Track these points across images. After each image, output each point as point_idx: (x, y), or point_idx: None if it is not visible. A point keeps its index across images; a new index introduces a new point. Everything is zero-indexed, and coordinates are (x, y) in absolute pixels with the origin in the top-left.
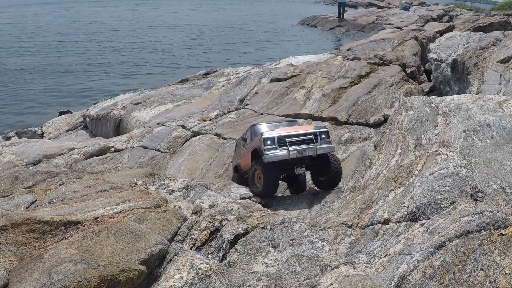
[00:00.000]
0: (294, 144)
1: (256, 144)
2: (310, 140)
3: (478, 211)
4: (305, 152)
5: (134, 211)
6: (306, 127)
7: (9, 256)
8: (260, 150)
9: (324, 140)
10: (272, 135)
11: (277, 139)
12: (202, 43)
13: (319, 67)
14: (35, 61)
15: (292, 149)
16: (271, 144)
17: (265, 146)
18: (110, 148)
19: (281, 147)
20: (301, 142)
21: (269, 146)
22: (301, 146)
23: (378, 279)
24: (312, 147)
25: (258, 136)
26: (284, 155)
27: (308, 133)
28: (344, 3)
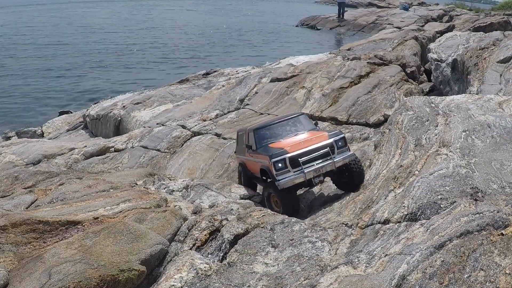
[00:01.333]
0: (309, 162)
1: (265, 164)
2: (327, 154)
3: (478, 211)
4: (322, 169)
5: (134, 211)
6: (320, 137)
7: (9, 256)
8: (271, 173)
9: (342, 149)
10: (283, 157)
11: (289, 160)
12: (202, 43)
13: (319, 67)
14: (35, 61)
15: (308, 170)
16: (283, 167)
17: (277, 171)
18: (110, 148)
19: (294, 168)
20: (316, 157)
21: (281, 169)
22: (317, 163)
23: (378, 279)
24: (330, 162)
25: (266, 156)
26: (299, 179)
27: (323, 146)
28: (344, 3)
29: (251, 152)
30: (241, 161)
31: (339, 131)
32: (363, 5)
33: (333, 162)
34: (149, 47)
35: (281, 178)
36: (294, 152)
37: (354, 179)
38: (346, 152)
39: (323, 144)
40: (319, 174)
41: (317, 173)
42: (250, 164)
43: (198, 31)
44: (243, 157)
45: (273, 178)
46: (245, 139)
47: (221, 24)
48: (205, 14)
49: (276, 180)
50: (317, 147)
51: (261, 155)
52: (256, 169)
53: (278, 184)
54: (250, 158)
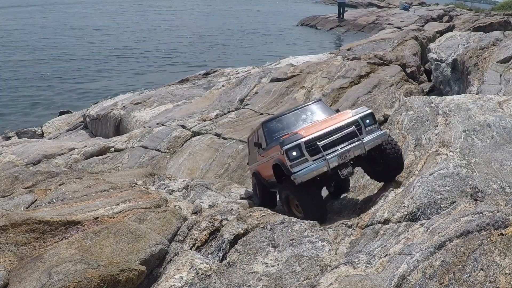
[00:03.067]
0: (331, 146)
1: (276, 156)
2: (353, 134)
3: (478, 211)
4: (349, 154)
5: (134, 211)
6: (341, 115)
7: (9, 256)
8: (285, 167)
9: (371, 127)
10: (296, 142)
11: (305, 146)
12: (202, 43)
13: (319, 67)
14: (34, 61)
15: (331, 156)
16: (298, 155)
17: (291, 161)
18: (110, 148)
19: (313, 155)
20: (340, 140)
21: (296, 159)
22: (342, 146)
23: (378, 279)
24: (358, 144)
25: (277, 146)
26: (321, 168)
27: (347, 125)
28: (344, 3)
29: (261, 152)
30: (254, 170)
31: (366, 108)
32: (363, 5)
33: (362, 143)
34: (149, 47)
35: (298, 170)
36: (310, 135)
37: (391, 166)
38: (376, 131)
39: (347, 123)
40: (345, 160)
41: (343, 159)
42: (263, 168)
43: (198, 31)
44: (256, 164)
45: (287, 172)
46: (254, 138)
47: (221, 24)
48: (205, 14)
49: (292, 173)
50: (340, 126)
51: (272, 148)
52: (269, 170)
53: (294, 178)
54: (262, 160)
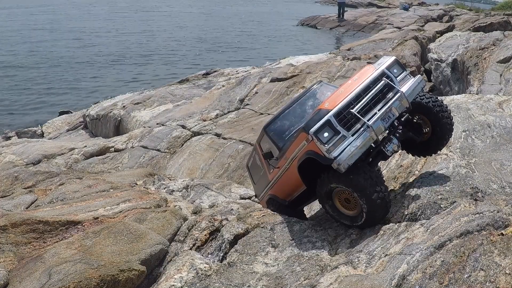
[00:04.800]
0: (366, 112)
1: (302, 151)
2: (388, 88)
3: (478, 211)
4: (392, 113)
5: (134, 211)
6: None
7: (9, 256)
8: (319, 154)
9: (402, 76)
10: (325, 118)
11: (336, 120)
12: (202, 43)
13: (319, 67)
14: (34, 61)
15: (374, 121)
16: (332, 134)
17: (326, 144)
18: (110, 148)
19: (350, 129)
20: (375, 100)
21: (332, 139)
22: (381, 106)
23: (378, 279)
24: (398, 96)
25: (300, 136)
26: (367, 140)
27: (376, 79)
28: (344, 3)
29: (274, 163)
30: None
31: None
32: (363, 5)
33: (402, 93)
34: (149, 47)
35: (340, 153)
36: (338, 104)
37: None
38: (410, 79)
39: (375, 77)
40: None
41: (388, 121)
42: (282, 185)
43: (197, 31)
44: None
45: (324, 161)
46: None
47: (221, 25)
48: (205, 14)
49: (331, 159)
50: (368, 83)
51: (291, 145)
52: (293, 179)
53: (337, 164)
54: (278, 173)
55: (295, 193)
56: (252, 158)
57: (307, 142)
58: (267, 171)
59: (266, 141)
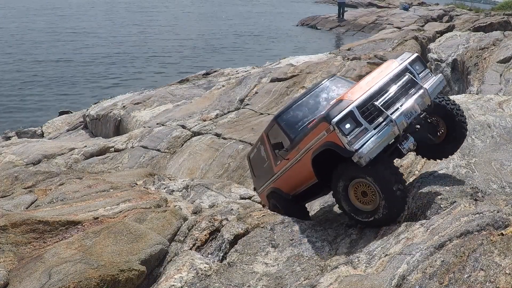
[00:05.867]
0: (389, 106)
1: (320, 141)
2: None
3: (478, 211)
4: (414, 110)
5: (134, 211)
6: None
7: (9, 256)
8: (341, 147)
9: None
10: (347, 109)
11: (359, 112)
12: (202, 43)
13: (319, 67)
14: (34, 61)
15: (397, 116)
16: (353, 126)
17: (348, 136)
18: (110, 148)
19: (372, 121)
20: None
21: (353, 131)
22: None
23: (378, 279)
24: (422, 93)
25: (319, 125)
26: (389, 135)
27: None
28: (344, 3)
29: (284, 154)
30: (271, 189)
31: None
32: (363, 5)
33: (426, 90)
34: (148, 47)
35: (361, 146)
36: (362, 95)
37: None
38: (431, 77)
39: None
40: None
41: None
42: (288, 178)
43: (197, 31)
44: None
45: (344, 153)
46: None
47: (221, 25)
48: (204, 15)
49: (352, 151)
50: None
51: (306, 137)
52: (304, 172)
53: (359, 157)
54: (287, 166)
55: (302, 187)
56: (255, 149)
57: (327, 132)
58: (273, 163)
59: (277, 131)
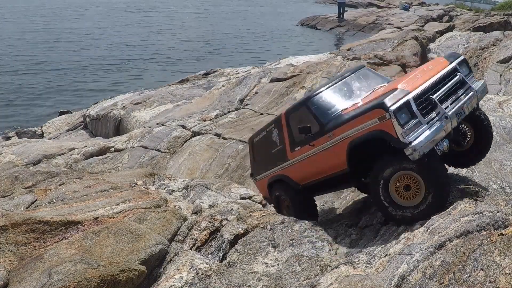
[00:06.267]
0: (444, 101)
1: (368, 128)
2: (461, 84)
3: (478, 211)
4: (463, 110)
5: (134, 211)
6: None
7: (9, 256)
8: (393, 137)
9: (470, 77)
10: (404, 99)
11: (415, 103)
12: (202, 43)
13: (319, 67)
14: (34, 61)
15: (452, 112)
16: (408, 118)
17: (404, 126)
18: (110, 148)
19: (425, 115)
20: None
21: (408, 123)
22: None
23: (378, 279)
24: (472, 94)
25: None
26: (441, 132)
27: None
28: (344, 3)
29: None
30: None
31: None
32: (363, 5)
33: (475, 92)
34: (148, 48)
35: (413, 138)
36: (418, 88)
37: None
38: (475, 81)
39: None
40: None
41: (459, 118)
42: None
43: (197, 31)
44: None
45: (396, 144)
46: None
47: (220, 25)
48: (204, 15)
49: (406, 143)
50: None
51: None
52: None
53: (413, 150)
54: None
55: (320, 177)
56: (263, 133)
57: (379, 120)
58: (288, 148)
59: (304, 115)
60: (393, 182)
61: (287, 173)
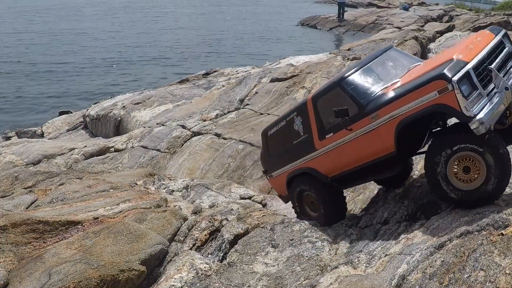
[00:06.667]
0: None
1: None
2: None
3: (478, 211)
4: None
5: (134, 211)
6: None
7: (9, 256)
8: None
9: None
10: (465, 70)
11: (475, 74)
12: (202, 43)
13: (319, 67)
14: (34, 61)
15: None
16: (470, 90)
17: (468, 97)
18: (110, 148)
19: (485, 86)
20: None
21: (470, 95)
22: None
23: (378, 279)
24: None
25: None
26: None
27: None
28: (344, 3)
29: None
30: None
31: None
32: (363, 5)
33: None
34: (148, 48)
35: (478, 111)
36: (475, 57)
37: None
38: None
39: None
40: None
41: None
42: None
43: (197, 31)
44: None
45: (461, 118)
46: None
47: (220, 25)
48: (204, 15)
49: (470, 116)
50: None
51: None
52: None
53: (480, 123)
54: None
55: (355, 166)
56: (282, 122)
57: (439, 93)
58: (315, 137)
59: (338, 97)
60: (451, 166)
61: (313, 165)
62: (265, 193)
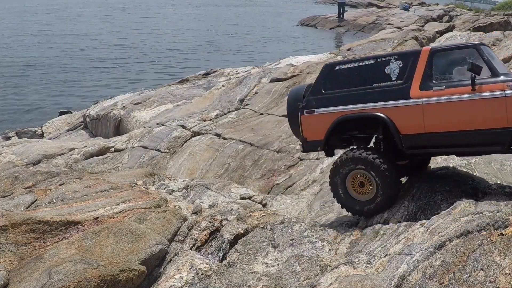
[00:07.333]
0: None
1: None
2: None
3: (478, 211)
4: None
5: (134, 211)
6: None
7: (9, 256)
8: None
9: None
10: None
11: None
12: (202, 43)
13: (319, 67)
14: (34, 61)
15: None
16: None
17: None
18: (110, 148)
19: None
20: None
21: None
22: None
23: (378, 279)
24: None
25: None
26: None
27: None
28: (344, 3)
29: (472, 82)
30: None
31: None
32: (363, 5)
33: None
34: (148, 48)
35: None
36: None
37: None
38: None
39: None
40: None
41: None
42: (455, 108)
43: (197, 31)
44: (385, 102)
45: None
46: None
47: (220, 25)
48: (204, 15)
49: None
50: None
51: None
52: (496, 114)
53: None
54: (464, 96)
55: (447, 129)
56: (366, 61)
57: None
58: (414, 85)
59: (469, 58)
60: None
61: (391, 114)
62: (265, 193)
